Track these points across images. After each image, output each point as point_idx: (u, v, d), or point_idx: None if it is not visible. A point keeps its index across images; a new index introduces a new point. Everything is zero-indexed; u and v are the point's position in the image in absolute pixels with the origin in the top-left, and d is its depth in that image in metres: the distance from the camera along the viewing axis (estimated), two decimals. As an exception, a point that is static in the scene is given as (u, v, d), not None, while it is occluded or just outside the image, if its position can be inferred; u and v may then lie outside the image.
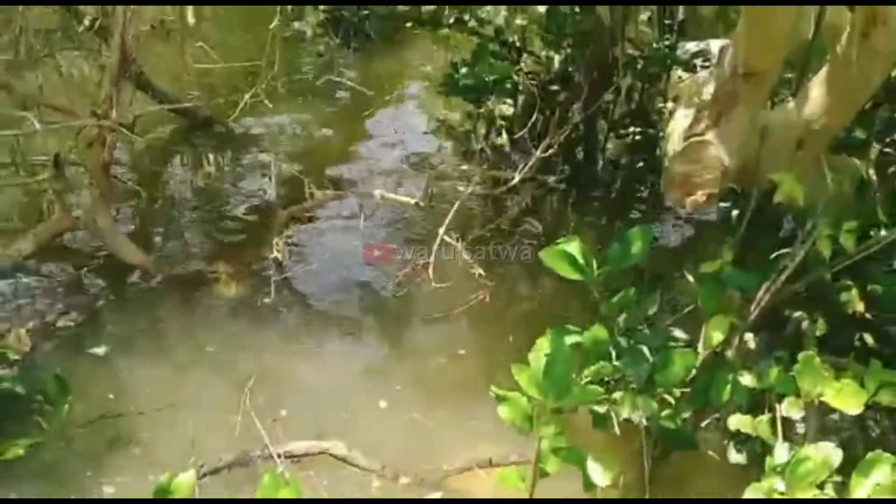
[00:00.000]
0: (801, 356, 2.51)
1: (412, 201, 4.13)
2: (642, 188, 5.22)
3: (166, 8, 5.33)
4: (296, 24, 7.22)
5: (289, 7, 6.96)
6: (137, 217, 4.84)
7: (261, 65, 4.69)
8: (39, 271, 4.36)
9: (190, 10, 4.38)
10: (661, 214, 5.13)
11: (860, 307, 3.21)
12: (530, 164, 3.84)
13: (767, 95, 3.03)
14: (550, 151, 4.08)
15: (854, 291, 3.20)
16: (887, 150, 3.42)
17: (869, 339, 3.27)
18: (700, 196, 2.92)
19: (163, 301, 4.22)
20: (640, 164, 5.22)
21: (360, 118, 6.06)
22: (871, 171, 3.51)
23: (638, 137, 5.21)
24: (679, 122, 3.14)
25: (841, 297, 3.21)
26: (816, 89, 3.09)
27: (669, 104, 5.23)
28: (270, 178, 4.89)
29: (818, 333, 3.17)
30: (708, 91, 2.97)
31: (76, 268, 4.39)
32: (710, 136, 2.89)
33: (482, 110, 4.85)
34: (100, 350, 3.94)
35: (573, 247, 3.12)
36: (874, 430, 3.44)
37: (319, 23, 7.28)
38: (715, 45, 6.45)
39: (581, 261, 3.06)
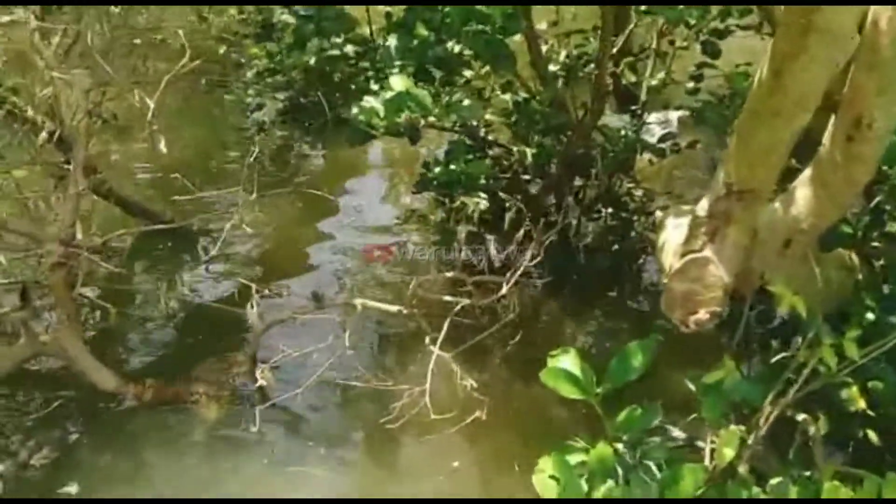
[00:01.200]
0: (826, 486, 2.44)
1: (394, 309, 4.02)
2: (621, 272, 5.19)
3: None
4: (255, 115, 7.18)
5: (248, 98, 6.96)
6: (108, 337, 4.64)
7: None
8: (6, 404, 4.16)
9: (163, 140, 4.28)
10: (641, 297, 5.13)
11: (862, 404, 3.18)
12: (519, 271, 3.78)
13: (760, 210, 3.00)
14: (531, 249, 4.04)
15: (854, 389, 3.18)
16: (875, 244, 3.43)
17: (872, 435, 3.23)
18: (703, 314, 2.86)
19: (140, 429, 4.03)
20: (616, 247, 5.22)
21: (325, 213, 5.97)
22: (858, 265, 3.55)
23: (611, 221, 5.23)
24: (670, 233, 3.11)
25: (842, 395, 3.19)
26: (802, 190, 3.09)
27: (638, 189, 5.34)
28: (244, 288, 4.71)
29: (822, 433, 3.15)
30: (702, 207, 2.94)
31: (46, 398, 4.19)
32: (708, 252, 2.86)
33: (456, 204, 4.79)
34: (72, 489, 3.75)
35: (572, 363, 3.07)
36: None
37: (280, 111, 7.24)
38: (673, 115, 6.59)
39: (582, 379, 3.00)
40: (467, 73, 4.43)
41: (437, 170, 4.41)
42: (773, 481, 2.79)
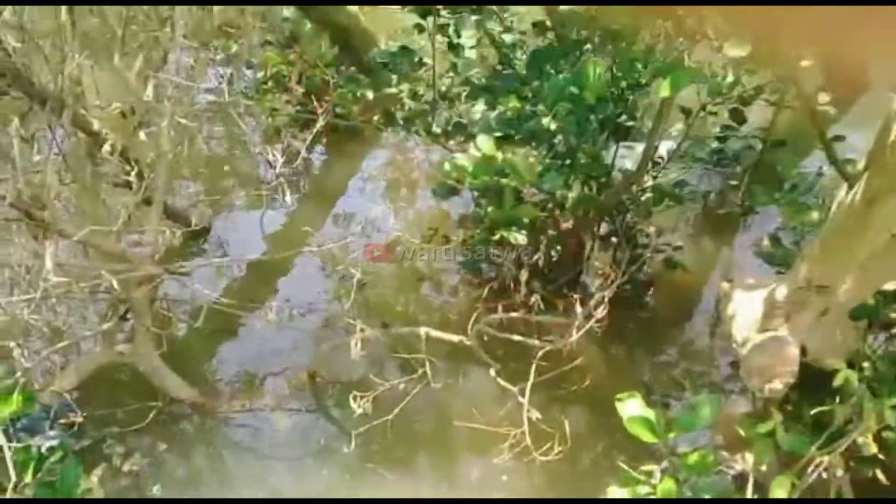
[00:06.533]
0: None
1: (456, 339, 4.44)
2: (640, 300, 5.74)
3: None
4: (269, 120, 7.43)
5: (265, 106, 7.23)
6: (178, 349, 4.87)
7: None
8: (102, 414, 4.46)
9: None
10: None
11: (874, 449, 3.79)
12: (590, 323, 4.22)
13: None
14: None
15: (870, 436, 3.79)
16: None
17: (881, 476, 3.85)
18: (778, 384, 3.40)
19: (216, 435, 4.41)
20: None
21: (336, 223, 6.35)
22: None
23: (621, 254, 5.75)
24: (741, 306, 3.64)
25: (858, 441, 3.80)
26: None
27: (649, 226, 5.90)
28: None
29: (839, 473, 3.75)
30: (781, 293, 3.48)
31: (137, 407, 4.47)
32: (785, 332, 3.40)
33: (495, 237, 5.16)
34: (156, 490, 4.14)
35: (640, 408, 3.56)
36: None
37: (293, 117, 7.49)
38: (664, 145, 7.14)
39: (657, 426, 3.50)
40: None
41: (489, 209, 4.79)
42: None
